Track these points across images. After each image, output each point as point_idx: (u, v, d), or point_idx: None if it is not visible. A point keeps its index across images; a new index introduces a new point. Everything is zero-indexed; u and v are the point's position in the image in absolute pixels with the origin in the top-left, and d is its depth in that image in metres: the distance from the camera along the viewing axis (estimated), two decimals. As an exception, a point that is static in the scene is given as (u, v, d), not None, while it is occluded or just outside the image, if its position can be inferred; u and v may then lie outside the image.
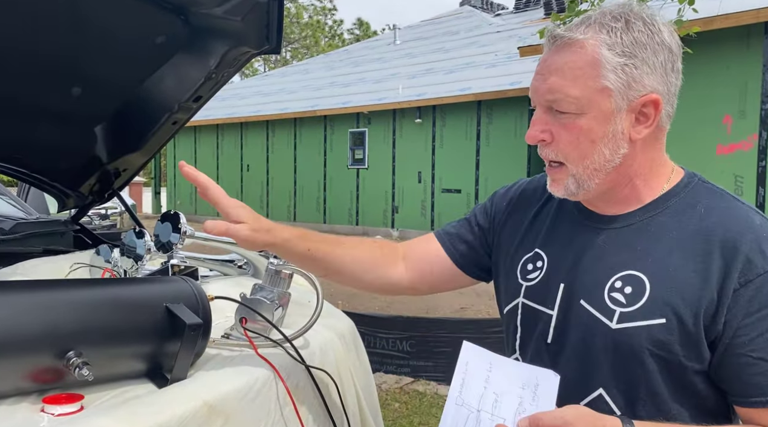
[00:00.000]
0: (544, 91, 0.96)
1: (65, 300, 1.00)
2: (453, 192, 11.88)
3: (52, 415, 0.90)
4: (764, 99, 6.93)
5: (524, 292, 1.08)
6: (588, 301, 0.98)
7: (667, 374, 0.92)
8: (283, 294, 1.36)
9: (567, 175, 0.98)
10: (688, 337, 0.90)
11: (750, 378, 0.89)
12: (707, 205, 0.96)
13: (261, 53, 1.89)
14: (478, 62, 13.31)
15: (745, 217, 0.93)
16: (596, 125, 0.94)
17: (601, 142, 0.95)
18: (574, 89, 0.93)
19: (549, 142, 0.97)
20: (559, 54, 0.95)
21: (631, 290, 0.94)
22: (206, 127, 16.24)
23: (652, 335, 0.91)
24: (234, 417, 1.04)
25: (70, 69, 1.78)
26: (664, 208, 0.98)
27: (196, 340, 1.06)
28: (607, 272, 0.97)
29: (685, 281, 0.91)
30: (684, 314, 0.90)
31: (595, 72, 0.92)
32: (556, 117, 0.96)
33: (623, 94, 0.93)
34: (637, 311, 0.93)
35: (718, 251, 0.91)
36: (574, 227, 1.06)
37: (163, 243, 1.54)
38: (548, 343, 1.03)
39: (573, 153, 0.96)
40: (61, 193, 2.30)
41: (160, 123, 2.04)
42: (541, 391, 0.92)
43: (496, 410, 0.91)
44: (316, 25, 38.82)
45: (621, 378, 0.95)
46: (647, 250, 0.96)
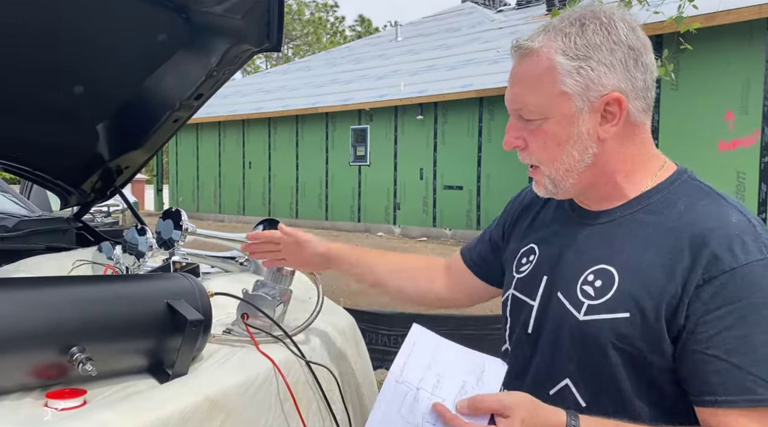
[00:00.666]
0: (509, 100, 1.01)
1: (68, 297, 1.01)
2: (455, 189, 11.88)
3: (55, 410, 0.91)
4: (767, 95, 6.91)
5: (515, 284, 1.12)
6: (563, 293, 1.00)
7: (630, 368, 0.93)
8: (285, 291, 1.37)
9: (543, 177, 1.02)
10: (650, 331, 0.90)
11: (704, 376, 0.88)
12: (689, 202, 0.96)
13: (262, 51, 1.90)
14: (479, 59, 13.29)
15: (722, 214, 0.92)
16: (560, 129, 0.97)
17: (568, 145, 0.98)
18: (534, 97, 0.97)
19: (523, 147, 1.02)
20: (520, 64, 1.00)
21: (601, 283, 0.96)
22: (208, 124, 16.25)
23: (616, 328, 0.92)
24: (235, 412, 1.05)
25: (72, 68, 1.79)
26: (646, 205, 0.99)
27: (197, 335, 1.07)
28: (584, 265, 1.00)
29: (651, 276, 0.91)
30: (647, 309, 0.90)
31: (552, 78, 0.95)
32: (525, 124, 1.00)
33: (582, 96, 0.95)
34: (603, 304, 0.94)
35: (687, 246, 0.90)
36: (565, 223, 1.09)
37: (164, 240, 1.55)
38: (528, 333, 1.06)
39: (543, 156, 1.00)
40: (63, 190, 2.32)
41: (161, 121, 2.05)
42: (486, 377, 0.92)
43: (436, 390, 0.91)
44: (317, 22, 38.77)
45: (586, 370, 0.96)
46: (623, 245, 0.97)
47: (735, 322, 0.86)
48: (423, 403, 0.90)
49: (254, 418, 1.10)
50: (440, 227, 12.07)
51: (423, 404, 0.89)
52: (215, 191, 16.51)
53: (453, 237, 11.78)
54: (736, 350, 0.85)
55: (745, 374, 0.85)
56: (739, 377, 0.85)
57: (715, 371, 0.86)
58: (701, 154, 6.97)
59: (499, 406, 0.87)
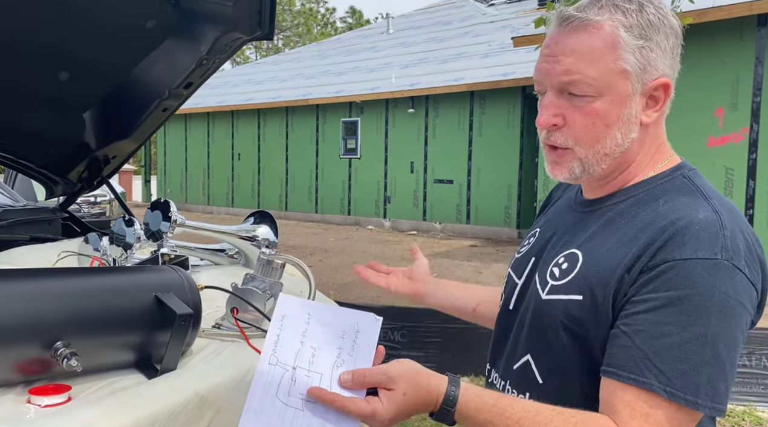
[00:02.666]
0: (558, 73, 0.93)
1: (53, 289, 0.98)
2: (445, 183, 11.88)
3: (38, 406, 0.88)
4: (756, 92, 6.95)
5: (512, 263, 1.15)
6: (539, 273, 1.03)
7: (578, 349, 0.93)
8: (275, 284, 1.34)
9: (573, 159, 0.97)
10: (598, 316, 0.91)
11: (610, 349, 0.88)
12: (669, 198, 0.94)
13: (253, 39, 1.86)
14: (471, 52, 13.27)
15: (692, 209, 0.90)
16: (612, 109, 0.93)
17: (615, 127, 0.94)
18: (593, 71, 0.91)
19: (561, 126, 0.96)
20: (574, 36, 0.93)
21: (567, 266, 0.98)
22: (197, 115, 16.12)
23: (568, 309, 0.94)
24: (225, 408, 1.02)
25: (57, 53, 1.74)
26: (630, 197, 0.98)
27: (186, 330, 1.04)
28: (560, 248, 1.02)
29: (607, 262, 0.92)
30: (597, 293, 0.91)
31: (614, 54, 0.91)
32: (569, 100, 0.94)
33: (639, 77, 0.93)
34: (562, 285, 0.96)
35: (643, 236, 0.90)
36: (565, 210, 1.11)
37: (153, 232, 1.52)
38: (509, 309, 1.09)
39: (585, 137, 0.95)
40: (48, 180, 2.27)
41: (150, 109, 2.01)
42: (362, 338, 0.89)
43: (313, 365, 0.87)
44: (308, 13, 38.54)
45: (543, 347, 0.98)
46: (595, 233, 0.98)
47: (655, 307, 0.85)
48: (301, 382, 0.85)
49: (244, 414, 1.08)
50: (430, 221, 12.08)
51: (301, 383, 0.85)
52: (204, 183, 16.40)
53: (443, 231, 11.79)
54: (643, 333, 0.85)
55: (642, 355, 0.85)
56: (635, 356, 0.85)
57: (619, 345, 0.87)
58: (691, 149, 7.00)
59: (384, 379, 0.86)
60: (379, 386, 0.86)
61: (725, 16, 6.79)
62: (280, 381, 0.85)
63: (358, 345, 0.89)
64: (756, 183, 6.96)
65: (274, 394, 0.84)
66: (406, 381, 0.87)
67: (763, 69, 6.88)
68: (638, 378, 0.84)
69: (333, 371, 0.86)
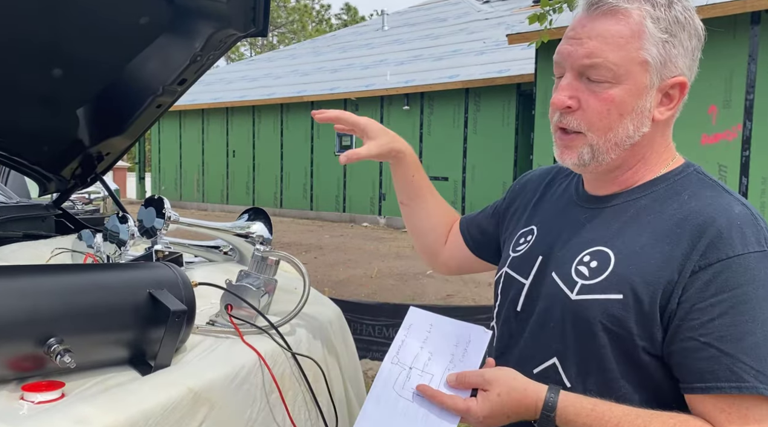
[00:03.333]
0: (580, 55, 0.93)
1: (46, 286, 0.97)
2: (440, 180, 11.88)
3: (32, 403, 0.88)
4: (749, 89, 6.98)
5: (509, 262, 1.11)
6: (557, 273, 1.00)
7: (618, 350, 0.92)
8: (270, 281, 1.34)
9: (584, 145, 0.96)
10: (643, 316, 0.90)
11: (694, 363, 0.87)
12: (692, 193, 0.95)
13: (247, 36, 1.86)
14: (466, 50, 13.26)
15: (725, 204, 0.92)
16: (628, 98, 0.93)
17: (629, 117, 0.94)
18: (615, 56, 0.91)
19: (574, 109, 0.95)
20: (600, 20, 0.92)
21: (596, 264, 0.96)
22: (192, 112, 16.06)
23: (607, 309, 0.92)
24: (219, 405, 1.02)
25: (50, 50, 1.73)
26: (650, 193, 0.99)
27: (180, 326, 1.04)
28: (580, 246, 0.99)
29: (647, 261, 0.91)
30: (641, 293, 0.90)
31: (638, 43, 0.92)
32: (587, 84, 0.94)
33: (658, 71, 0.93)
34: (596, 285, 0.94)
35: (687, 234, 0.90)
36: (567, 206, 1.08)
37: (147, 228, 1.52)
38: (518, 311, 1.06)
39: (598, 123, 0.94)
40: (42, 177, 2.26)
41: (144, 106, 2.00)
42: (471, 347, 1.00)
43: (427, 367, 1.00)
44: (303, 10, 38.43)
45: (574, 349, 0.96)
46: (621, 229, 0.97)
47: (727, 310, 0.86)
48: (414, 379, 0.99)
49: (239, 410, 1.08)
50: (425, 218, 12.07)
51: (414, 380, 0.99)
52: (198, 180, 16.36)
53: (438, 228, 11.80)
54: (727, 338, 0.85)
55: (734, 361, 0.85)
56: (729, 364, 0.85)
57: (707, 358, 0.86)
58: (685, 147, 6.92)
59: (480, 380, 0.95)
60: (477, 386, 0.95)
61: (719, 14, 6.81)
62: (397, 377, 1.00)
63: (468, 353, 1.00)
64: (749, 180, 6.99)
65: (391, 386, 1.00)
66: (501, 384, 0.93)
67: (756, 67, 6.91)
68: (741, 385, 0.84)
69: (443, 374, 0.99)
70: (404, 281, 6.54)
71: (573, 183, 1.12)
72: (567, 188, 1.12)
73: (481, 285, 6.42)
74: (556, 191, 1.15)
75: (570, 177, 1.16)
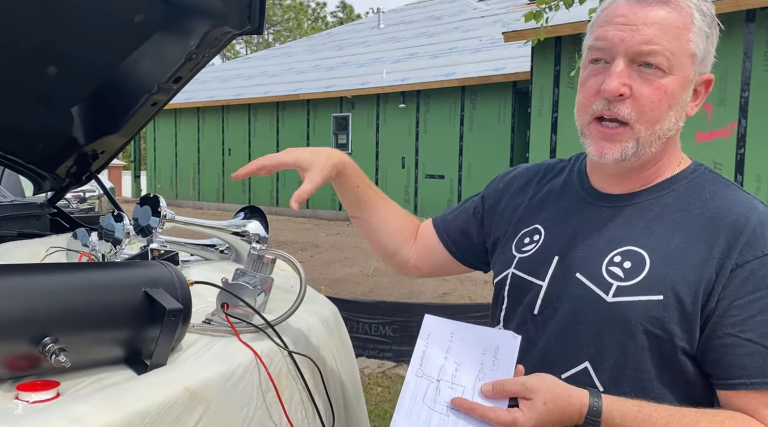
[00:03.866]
0: (637, 42, 0.90)
1: (41, 285, 0.97)
2: (436, 178, 11.89)
3: (27, 402, 0.88)
4: (744, 87, 7.00)
5: (516, 263, 1.07)
6: (584, 274, 0.97)
7: (657, 352, 0.91)
8: (266, 279, 1.34)
9: (629, 138, 0.93)
10: (684, 316, 0.89)
11: (735, 359, 0.87)
12: (713, 191, 0.96)
13: (243, 34, 1.85)
14: (462, 47, 13.26)
15: (749, 202, 0.93)
16: (677, 89, 0.92)
17: (674, 109, 0.93)
18: (672, 45, 0.90)
19: (627, 96, 0.92)
20: (653, 8, 0.91)
21: (631, 264, 0.93)
22: (187, 110, 16.02)
23: (648, 310, 0.90)
24: (215, 403, 1.02)
25: (45, 47, 1.72)
26: (670, 191, 0.98)
27: (176, 325, 1.04)
28: (607, 246, 0.97)
29: (686, 261, 0.91)
30: (682, 293, 0.89)
31: (689, 35, 0.91)
32: (639, 72, 0.91)
33: (698, 66, 0.94)
34: (634, 286, 0.92)
35: (722, 232, 0.90)
36: (576, 205, 1.05)
37: (142, 227, 1.51)
38: (534, 314, 1.02)
39: (650, 113, 0.92)
40: (36, 175, 2.24)
41: (139, 104, 1.99)
42: (501, 355, 0.93)
43: (456, 379, 0.92)
44: (298, 8, 38.35)
45: (610, 353, 0.93)
46: (649, 228, 0.95)
47: (766, 306, 0.87)
48: (445, 393, 0.92)
49: (235, 409, 1.08)
50: (421, 216, 12.08)
51: (445, 393, 0.91)
52: (194, 178, 16.32)
53: (434, 226, 11.81)
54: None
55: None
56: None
57: (749, 354, 0.87)
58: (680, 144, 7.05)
59: (522, 389, 0.87)
60: (518, 396, 0.88)
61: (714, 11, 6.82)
62: (425, 390, 0.93)
63: (498, 361, 0.93)
64: (744, 177, 7.02)
65: (421, 400, 0.92)
66: (545, 392, 0.87)
67: (751, 64, 6.93)
68: None
69: (475, 384, 0.91)
70: (400, 280, 6.54)
71: (571, 178, 1.09)
72: (567, 185, 1.09)
73: (477, 283, 6.43)
74: (554, 189, 1.11)
75: (561, 173, 1.13)
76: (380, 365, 4.01)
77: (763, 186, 6.92)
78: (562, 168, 1.14)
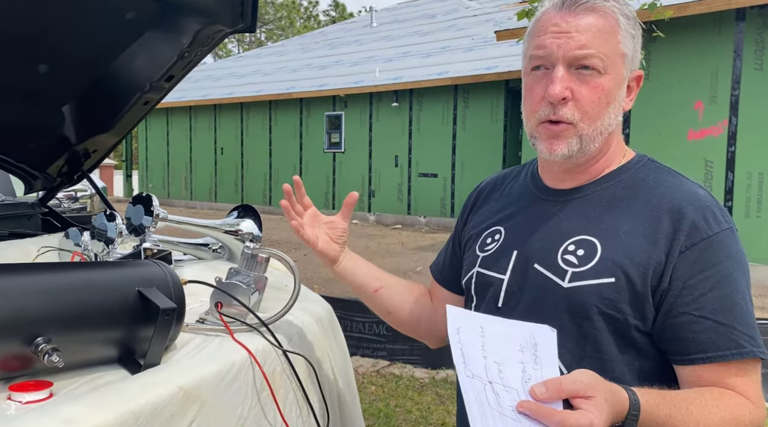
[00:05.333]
0: (573, 47, 0.97)
1: (33, 284, 0.96)
2: (429, 176, 11.89)
3: (19, 403, 0.87)
4: (734, 85, 7.04)
5: (480, 262, 1.12)
6: (542, 264, 1.02)
7: (613, 331, 0.96)
8: (260, 278, 1.33)
9: (573, 135, 1.00)
10: (635, 296, 0.94)
11: (692, 336, 0.93)
12: (656, 179, 1.02)
13: (235, 32, 1.84)
14: (455, 46, 13.27)
15: (690, 189, 1.00)
16: (613, 87, 1.00)
17: (612, 106, 1.00)
18: (605, 47, 0.98)
19: (568, 100, 0.99)
20: (583, 16, 0.98)
21: (584, 252, 0.99)
22: (179, 109, 15.95)
23: (602, 293, 0.95)
24: (210, 403, 1.02)
25: (35, 45, 1.71)
26: (616, 181, 1.04)
27: (169, 324, 1.03)
28: (561, 236, 1.03)
29: (634, 245, 0.96)
30: (632, 274, 0.95)
31: (616, 37, 0.99)
32: (577, 75, 0.98)
33: (629, 63, 1.01)
34: (588, 271, 0.97)
35: (666, 217, 0.96)
36: (532, 203, 1.12)
37: (135, 226, 1.51)
38: (498, 307, 1.07)
39: (591, 112, 0.99)
40: (27, 174, 2.23)
41: (131, 103, 1.98)
42: (542, 352, 0.87)
43: (504, 380, 0.85)
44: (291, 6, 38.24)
45: (570, 336, 0.98)
46: (600, 217, 1.01)
47: (714, 284, 0.93)
48: (503, 396, 0.84)
49: (230, 408, 1.07)
50: (415, 215, 12.09)
51: (504, 397, 0.84)
52: (186, 177, 16.25)
53: (427, 225, 11.81)
54: (719, 310, 0.92)
55: (730, 329, 0.92)
56: (725, 333, 0.92)
57: (703, 330, 0.92)
58: (671, 143, 7.08)
59: (581, 386, 0.81)
60: (576, 395, 0.81)
61: (705, 10, 6.86)
62: (485, 393, 0.84)
63: (540, 358, 0.86)
64: (735, 175, 7.06)
65: (487, 404, 0.83)
66: (601, 387, 0.82)
67: (741, 63, 6.97)
68: (740, 350, 0.91)
69: (522, 386, 0.84)
70: (394, 278, 6.52)
71: (527, 181, 1.16)
72: (522, 187, 1.16)
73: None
74: (511, 192, 1.18)
75: (517, 177, 1.20)
76: (374, 364, 4.01)
77: (753, 183, 6.97)
78: (518, 172, 1.22)
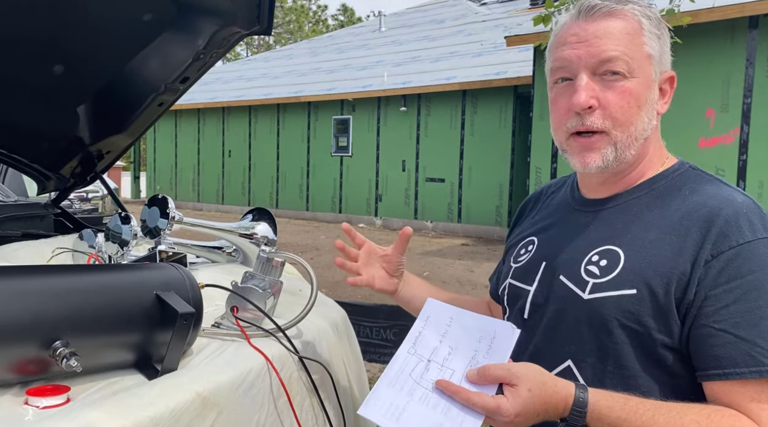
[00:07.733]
0: (593, 54, 0.94)
1: (51, 287, 0.95)
2: (437, 181, 11.87)
3: (36, 408, 0.85)
4: (746, 93, 7.00)
5: (512, 273, 1.12)
6: (566, 275, 1.00)
7: (636, 346, 0.92)
8: (275, 282, 1.32)
9: (607, 144, 0.97)
10: (659, 309, 0.90)
11: (710, 350, 0.87)
12: (692, 188, 0.98)
13: (251, 34, 1.84)
14: (463, 51, 13.26)
15: (727, 195, 0.94)
16: (642, 90, 0.96)
17: (644, 110, 0.97)
18: (628, 50, 0.95)
19: (595, 108, 0.96)
20: (602, 21, 0.96)
21: (606, 262, 0.96)
22: (187, 111, 15.99)
23: (622, 305, 0.92)
24: (228, 410, 1.00)
25: (52, 45, 1.71)
26: (650, 190, 1.00)
27: (188, 329, 1.02)
28: (586, 247, 1.00)
29: (658, 254, 0.92)
30: (655, 286, 0.90)
31: (641, 38, 0.96)
32: (601, 82, 0.96)
33: (657, 65, 0.98)
34: (608, 282, 0.94)
35: (695, 225, 0.91)
36: (566, 213, 1.10)
37: (150, 228, 1.49)
38: (525, 318, 1.05)
39: (621, 118, 0.96)
40: (41, 175, 2.23)
41: (145, 104, 1.98)
42: (497, 344, 0.93)
43: (447, 362, 0.93)
44: (300, 10, 38.39)
45: (590, 349, 0.95)
46: (626, 227, 0.98)
47: (741, 296, 0.87)
48: (432, 372, 0.92)
49: (247, 415, 1.06)
50: (422, 220, 12.06)
51: (433, 373, 0.91)
52: (194, 180, 16.29)
53: (434, 229, 11.78)
54: (742, 324, 0.85)
55: (751, 346, 0.85)
56: (746, 349, 0.85)
57: (722, 344, 0.86)
58: (682, 150, 6.96)
59: (507, 374, 0.87)
60: (502, 381, 0.87)
61: (718, 18, 6.83)
62: (414, 366, 0.93)
63: (493, 349, 0.92)
64: (746, 183, 7.01)
65: (408, 374, 0.92)
66: (531, 379, 0.86)
67: (753, 71, 6.93)
68: (761, 369, 0.84)
69: (464, 370, 0.91)
70: (401, 283, 6.50)
71: (567, 192, 1.14)
72: (562, 198, 1.14)
73: (477, 287, 6.41)
74: (551, 203, 1.16)
75: (561, 188, 1.18)
76: (381, 369, 3.98)
77: (765, 192, 6.91)
78: (563, 183, 1.19)
